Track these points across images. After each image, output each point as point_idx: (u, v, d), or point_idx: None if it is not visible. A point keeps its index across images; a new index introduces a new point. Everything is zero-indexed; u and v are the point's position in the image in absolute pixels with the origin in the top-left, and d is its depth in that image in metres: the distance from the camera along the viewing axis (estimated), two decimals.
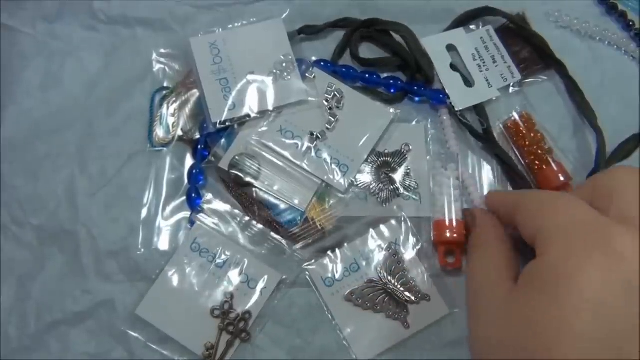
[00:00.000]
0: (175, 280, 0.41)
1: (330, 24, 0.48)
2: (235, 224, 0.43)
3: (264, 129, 0.44)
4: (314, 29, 0.48)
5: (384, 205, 0.43)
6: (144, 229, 0.43)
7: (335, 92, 0.45)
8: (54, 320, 0.41)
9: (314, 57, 0.47)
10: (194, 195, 0.43)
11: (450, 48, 0.48)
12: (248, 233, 0.43)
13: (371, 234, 0.42)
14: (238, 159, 0.43)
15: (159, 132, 0.45)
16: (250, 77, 0.45)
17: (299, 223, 0.42)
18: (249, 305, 0.41)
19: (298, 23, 0.48)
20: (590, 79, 0.47)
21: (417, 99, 0.47)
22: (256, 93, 0.44)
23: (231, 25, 0.47)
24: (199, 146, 0.44)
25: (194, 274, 0.41)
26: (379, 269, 0.41)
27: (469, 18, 0.49)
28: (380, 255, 0.42)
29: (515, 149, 0.45)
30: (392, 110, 0.45)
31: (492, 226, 0.37)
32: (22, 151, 0.45)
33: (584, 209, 0.30)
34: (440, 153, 0.45)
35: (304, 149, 0.43)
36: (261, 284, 0.41)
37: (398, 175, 0.44)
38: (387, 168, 0.44)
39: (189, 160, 0.45)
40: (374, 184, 0.44)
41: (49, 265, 0.42)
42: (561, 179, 0.42)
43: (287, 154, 0.43)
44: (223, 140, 0.44)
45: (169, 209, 0.44)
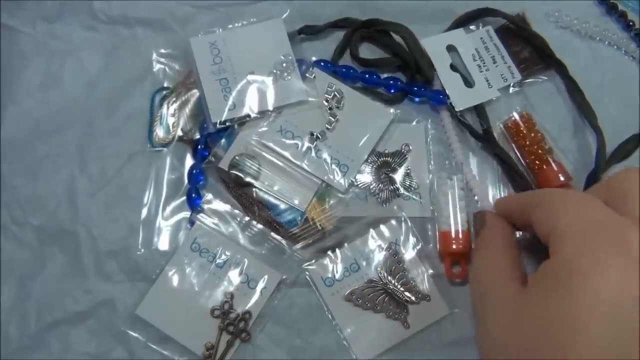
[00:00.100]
0: (175, 280, 0.41)
1: (330, 24, 0.48)
2: (235, 224, 0.43)
3: (264, 129, 0.44)
4: (314, 29, 0.48)
5: (384, 205, 0.43)
6: (144, 229, 0.43)
7: (335, 92, 0.45)
8: (54, 320, 0.41)
9: (314, 57, 0.47)
10: (194, 195, 0.43)
11: (450, 48, 0.48)
12: (248, 233, 0.43)
13: (371, 234, 0.42)
14: (238, 159, 0.43)
15: (159, 132, 0.45)
16: (250, 77, 0.45)
17: (299, 223, 0.42)
18: (249, 305, 0.41)
19: (298, 23, 0.48)
20: (590, 79, 0.47)
21: (417, 99, 0.47)
22: (256, 93, 0.44)
23: (231, 25, 0.47)
24: (199, 146, 0.44)
25: (194, 274, 0.41)
26: (379, 269, 0.41)
27: (469, 19, 0.49)
28: (380, 255, 0.42)
29: (515, 149, 0.45)
30: (392, 111, 0.45)
31: (501, 229, 0.37)
32: (22, 151, 0.45)
33: (599, 207, 0.30)
34: (445, 163, 0.45)
35: (304, 149, 0.43)
36: (261, 284, 0.41)
37: (398, 175, 0.44)
38: (387, 168, 0.44)
39: (189, 160, 0.45)
40: (374, 184, 0.44)
41: (49, 265, 0.42)
42: (561, 178, 0.43)
43: (287, 154, 0.43)
44: (223, 140, 0.44)
45: (169, 209, 0.44)
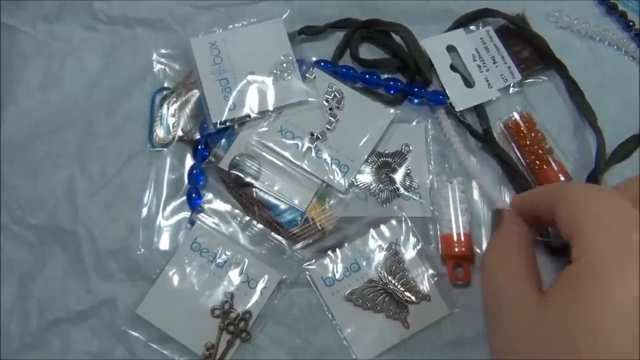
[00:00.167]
0: (175, 280, 0.41)
1: (330, 24, 0.48)
2: (235, 224, 0.43)
3: (264, 129, 0.44)
4: (314, 30, 0.48)
5: (384, 206, 0.43)
6: (144, 229, 0.43)
7: (336, 93, 0.45)
8: (55, 319, 0.41)
9: (314, 58, 0.47)
10: (194, 195, 0.43)
11: (450, 49, 0.48)
12: (248, 233, 0.43)
13: (371, 234, 0.42)
14: (238, 159, 0.43)
15: (159, 132, 0.45)
16: (250, 78, 0.45)
17: (299, 223, 0.42)
18: (249, 305, 0.41)
19: (298, 23, 0.48)
20: (590, 79, 0.47)
21: (417, 100, 0.47)
22: (256, 93, 0.44)
23: (231, 26, 0.47)
24: (199, 146, 0.44)
25: (195, 273, 0.41)
26: (379, 269, 0.41)
27: (469, 19, 0.49)
28: (380, 255, 0.42)
29: (515, 149, 0.45)
30: (392, 111, 0.45)
31: (518, 228, 0.34)
32: (22, 151, 0.45)
33: (626, 210, 0.28)
34: (445, 166, 0.45)
35: (304, 149, 0.44)
36: (261, 283, 0.41)
37: (398, 175, 0.44)
38: (387, 168, 0.44)
39: (189, 161, 0.45)
40: (374, 184, 0.44)
41: (50, 265, 0.42)
42: (561, 178, 0.43)
43: (287, 154, 0.43)
44: (223, 140, 0.44)
45: (169, 208, 0.44)
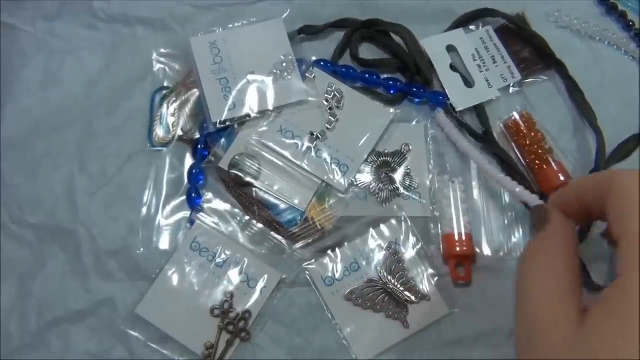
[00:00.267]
0: (175, 280, 0.41)
1: (330, 24, 0.48)
2: (235, 224, 0.43)
3: (264, 128, 0.44)
4: (314, 29, 0.48)
5: (384, 205, 0.43)
6: (144, 229, 0.43)
7: (335, 92, 0.45)
8: (54, 319, 0.41)
9: (314, 57, 0.47)
10: (194, 194, 0.43)
11: (450, 49, 0.48)
12: (248, 232, 0.43)
13: (371, 234, 0.42)
14: (238, 158, 0.43)
15: (159, 132, 0.45)
16: (250, 77, 0.45)
17: (299, 223, 0.42)
18: (249, 304, 0.41)
19: (298, 23, 0.48)
20: (590, 79, 0.47)
21: (417, 100, 0.47)
22: (256, 93, 0.44)
23: (231, 25, 0.47)
24: (199, 146, 0.44)
25: (194, 273, 0.41)
26: (379, 268, 0.41)
27: (469, 19, 0.49)
28: (380, 254, 0.42)
29: (515, 149, 0.45)
30: (392, 110, 0.45)
31: (567, 233, 0.28)
32: (22, 150, 0.45)
33: None
34: (446, 165, 0.45)
35: (304, 148, 0.43)
36: (261, 283, 0.41)
37: (398, 175, 0.44)
38: (387, 168, 0.44)
39: (189, 160, 0.45)
40: (374, 183, 0.44)
41: (50, 264, 0.42)
42: (561, 178, 0.43)
43: (287, 153, 0.43)
44: (223, 140, 0.44)
45: (168, 208, 0.44)
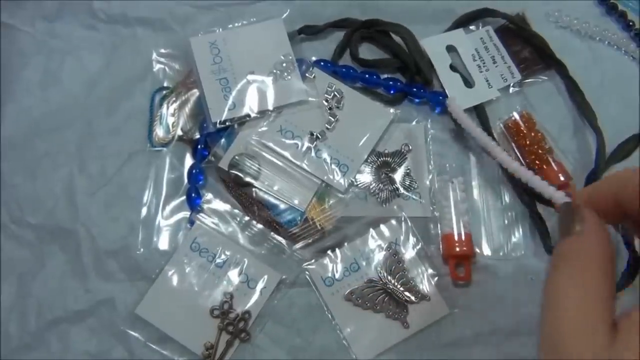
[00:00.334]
0: (174, 280, 0.41)
1: (330, 24, 0.48)
2: (235, 224, 0.43)
3: (264, 129, 0.44)
4: (314, 29, 0.48)
5: (384, 205, 0.43)
6: (143, 229, 0.43)
7: (335, 92, 0.45)
8: (54, 318, 0.41)
9: (314, 57, 0.47)
10: (193, 195, 0.43)
11: (450, 49, 0.48)
12: (248, 233, 0.43)
13: (371, 234, 0.42)
14: (238, 158, 0.43)
15: (159, 132, 0.45)
16: (250, 77, 0.45)
17: (298, 223, 0.42)
18: (248, 305, 0.41)
19: (298, 23, 0.48)
20: (590, 79, 0.47)
21: (417, 100, 0.47)
22: (256, 93, 0.44)
23: (231, 25, 0.47)
24: (199, 146, 0.44)
25: (194, 273, 0.41)
26: (379, 268, 0.41)
27: (469, 19, 0.49)
28: (380, 255, 0.42)
29: (515, 149, 0.45)
30: (392, 110, 0.45)
31: (603, 235, 0.24)
32: (22, 149, 0.45)
33: None
34: (446, 166, 0.45)
35: (304, 149, 0.43)
36: (261, 283, 0.41)
37: (398, 175, 0.44)
38: (387, 168, 0.44)
39: (189, 160, 0.45)
40: (374, 184, 0.44)
41: (50, 264, 0.42)
42: (561, 178, 0.43)
43: (287, 154, 0.43)
44: (223, 140, 0.44)
45: (168, 208, 0.43)
